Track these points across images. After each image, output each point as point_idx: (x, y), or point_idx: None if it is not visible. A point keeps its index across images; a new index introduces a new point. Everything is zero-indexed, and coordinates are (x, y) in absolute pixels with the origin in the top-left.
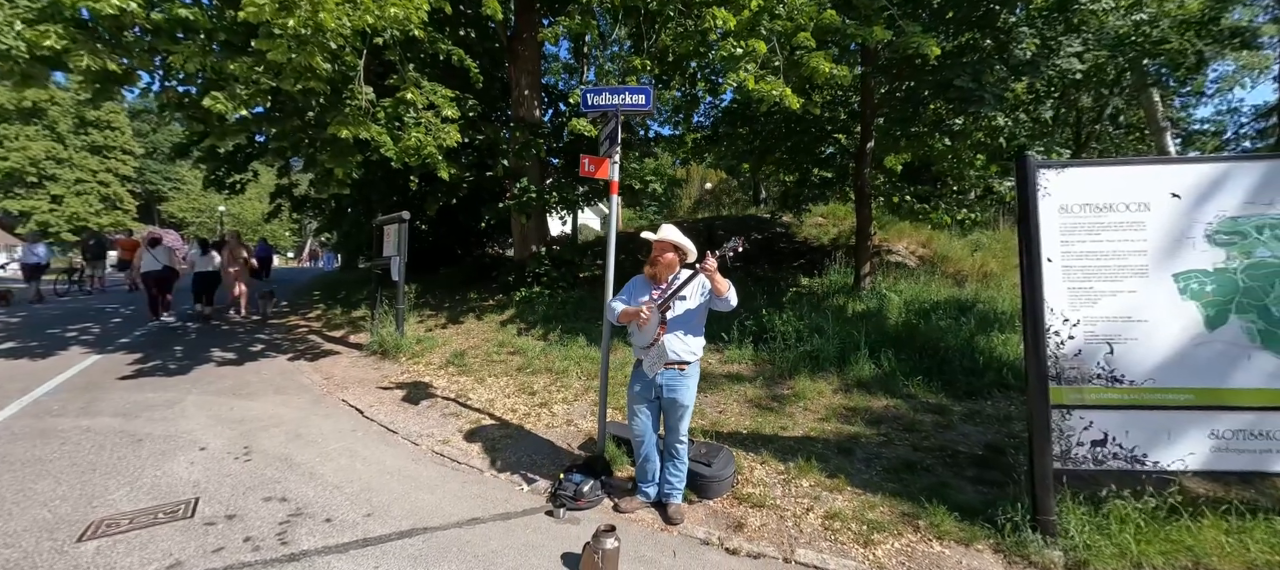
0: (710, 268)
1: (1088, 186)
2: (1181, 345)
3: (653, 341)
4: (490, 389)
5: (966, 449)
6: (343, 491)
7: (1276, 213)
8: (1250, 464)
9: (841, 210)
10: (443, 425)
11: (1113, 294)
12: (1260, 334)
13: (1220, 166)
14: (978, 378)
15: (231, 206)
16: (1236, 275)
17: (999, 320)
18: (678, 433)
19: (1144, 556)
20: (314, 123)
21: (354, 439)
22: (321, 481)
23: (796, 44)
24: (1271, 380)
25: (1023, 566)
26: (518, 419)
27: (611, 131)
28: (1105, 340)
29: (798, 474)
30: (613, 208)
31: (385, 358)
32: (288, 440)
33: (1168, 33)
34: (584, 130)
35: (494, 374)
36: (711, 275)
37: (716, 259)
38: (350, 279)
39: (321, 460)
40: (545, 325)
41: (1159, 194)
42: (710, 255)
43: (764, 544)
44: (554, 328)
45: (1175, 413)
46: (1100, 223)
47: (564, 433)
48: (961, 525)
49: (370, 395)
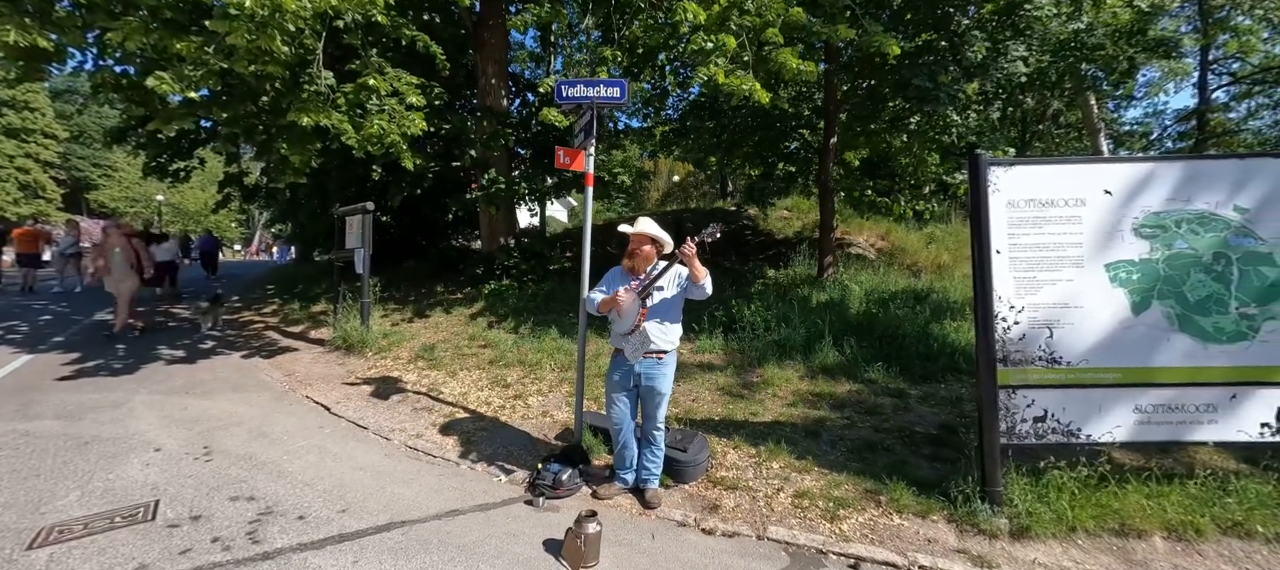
0: (689, 252)
1: (1032, 183)
2: (1111, 329)
3: (633, 328)
4: (462, 382)
5: (922, 429)
6: (314, 488)
7: (1192, 209)
8: (1169, 434)
9: (805, 204)
10: (415, 420)
11: (1053, 283)
12: (1178, 318)
13: (1146, 166)
14: (932, 363)
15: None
16: (1158, 265)
17: (951, 309)
18: (655, 420)
19: (1078, 521)
20: (269, 108)
21: (322, 436)
22: (291, 479)
23: (765, 40)
24: (1187, 359)
25: (973, 535)
26: (492, 412)
27: (587, 124)
28: (1046, 325)
29: (768, 457)
30: (587, 200)
31: (350, 353)
32: (250, 439)
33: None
34: (555, 121)
35: (466, 367)
36: (690, 261)
37: (695, 245)
38: (307, 272)
39: (289, 458)
40: (516, 318)
41: (1094, 191)
42: (689, 240)
43: (738, 523)
44: (525, 320)
45: (1105, 390)
46: (1043, 217)
47: (540, 424)
48: (919, 499)
49: (336, 391)
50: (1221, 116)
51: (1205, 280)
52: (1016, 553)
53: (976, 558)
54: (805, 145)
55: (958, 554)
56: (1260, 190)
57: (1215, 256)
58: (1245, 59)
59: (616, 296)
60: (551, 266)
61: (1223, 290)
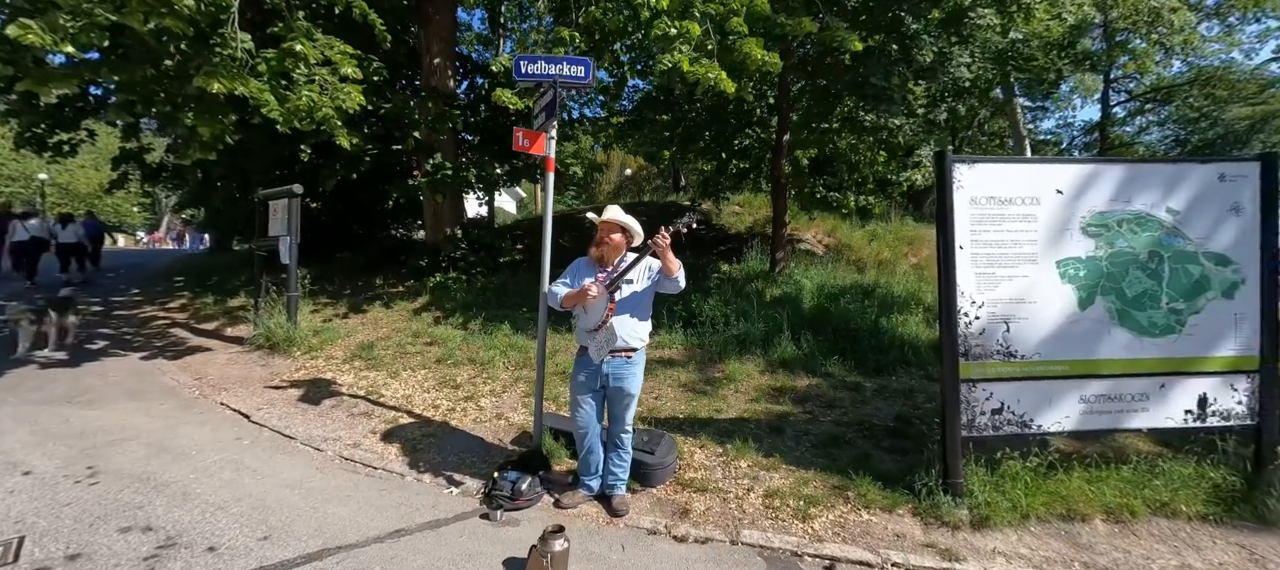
0: (663, 244)
1: (993, 181)
2: (1060, 323)
3: (600, 324)
4: (406, 383)
5: (880, 422)
6: (228, 512)
7: (1132, 209)
8: (1108, 423)
9: (756, 200)
10: (351, 427)
11: (1010, 278)
12: (1118, 313)
13: (1093, 168)
14: (884, 356)
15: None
16: (1102, 262)
17: (896, 303)
18: (623, 422)
19: (1031, 508)
20: (174, 72)
21: (239, 449)
22: (199, 503)
23: (730, 29)
24: (1125, 351)
25: (937, 527)
26: (440, 415)
27: (548, 103)
28: (1003, 320)
29: (736, 455)
30: (548, 186)
31: (274, 352)
32: (150, 455)
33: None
34: (509, 102)
35: (409, 367)
36: (664, 252)
37: (670, 235)
38: (223, 262)
39: (198, 477)
40: (465, 313)
41: (1047, 190)
42: (663, 231)
43: (710, 528)
44: (475, 315)
45: (1055, 382)
46: (1002, 214)
47: (494, 428)
48: (884, 493)
49: (257, 396)
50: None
51: (1141, 277)
52: (977, 543)
53: (944, 551)
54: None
55: (926, 548)
56: (1188, 193)
57: (1150, 255)
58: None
59: (583, 290)
60: (502, 259)
61: (1156, 287)
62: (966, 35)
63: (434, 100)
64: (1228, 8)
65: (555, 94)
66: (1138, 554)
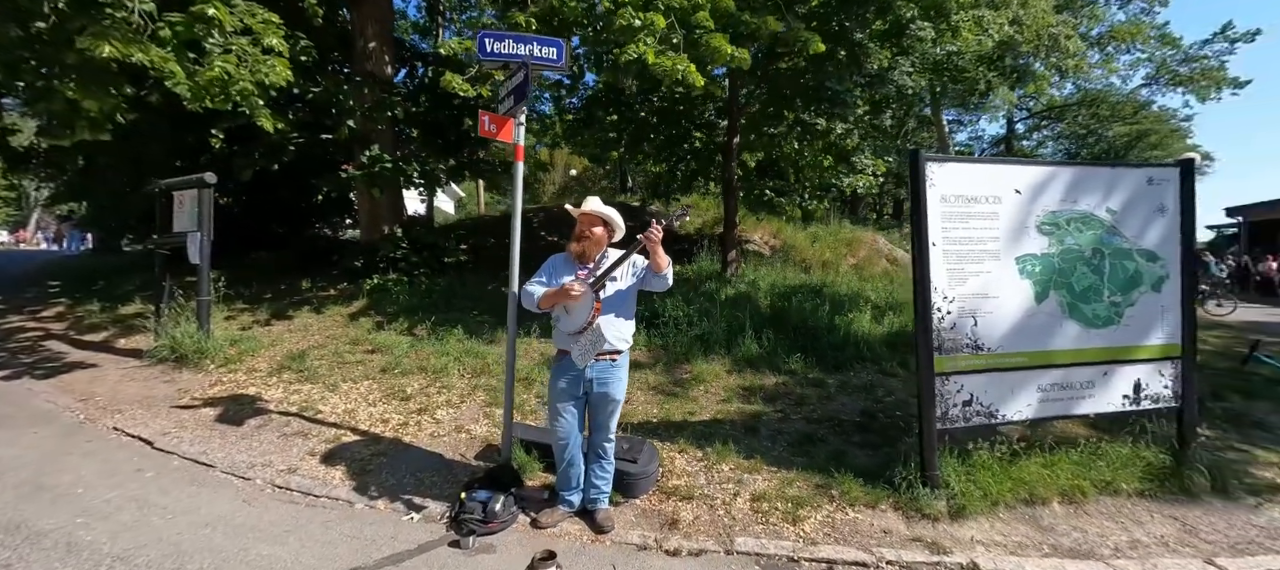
0: (656, 238)
1: (961, 180)
2: (1019, 316)
3: (585, 326)
4: (347, 397)
5: (848, 417)
6: (132, 563)
7: (1078, 209)
8: (1061, 410)
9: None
10: (284, 449)
11: (976, 274)
12: (1068, 306)
13: (1047, 170)
14: (841, 352)
15: None
16: (1054, 258)
17: (842, 302)
18: (608, 431)
19: (999, 495)
20: (48, 37)
21: (142, 483)
22: (91, 554)
23: (696, 23)
24: (1074, 342)
25: (918, 519)
26: (391, 431)
27: (519, 86)
28: (971, 314)
29: (717, 459)
30: (517, 176)
31: (182, 366)
32: (20, 498)
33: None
34: (459, 88)
35: (350, 378)
36: (655, 247)
37: (661, 229)
38: (110, 265)
39: (88, 521)
40: (409, 317)
41: (1007, 190)
42: (655, 224)
43: (702, 538)
44: (421, 320)
45: (1016, 373)
46: (969, 212)
47: (454, 442)
48: (866, 489)
49: (163, 418)
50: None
51: (1087, 273)
52: (957, 533)
53: (930, 544)
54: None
55: (913, 543)
56: (1123, 195)
57: (1094, 251)
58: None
59: (566, 288)
60: (447, 259)
61: (1099, 282)
62: (907, 46)
63: (371, 86)
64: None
65: (526, 76)
66: (1093, 532)
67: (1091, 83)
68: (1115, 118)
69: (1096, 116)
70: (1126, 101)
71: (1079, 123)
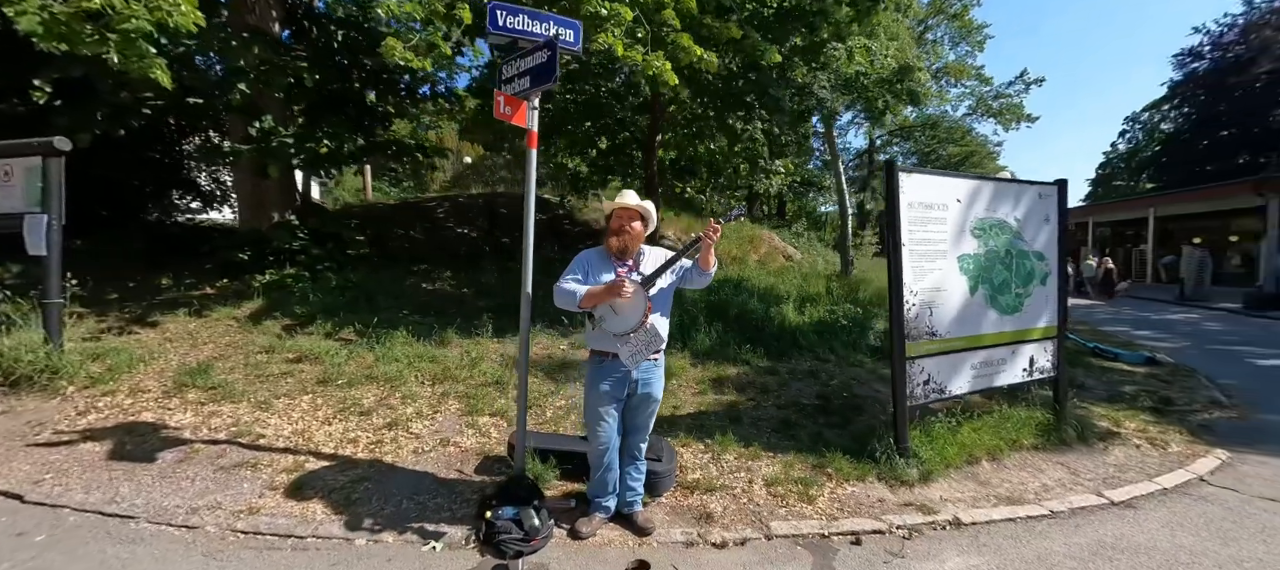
0: (716, 237)
1: (922, 189)
2: (960, 307)
3: (639, 325)
4: (288, 416)
5: (808, 401)
6: None
7: (996, 217)
8: (985, 383)
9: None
10: (230, 485)
11: (932, 270)
12: (990, 297)
13: (976, 183)
14: (781, 342)
15: None
16: (982, 258)
17: (765, 295)
18: (645, 432)
19: (949, 459)
20: None
21: (35, 551)
22: None
23: (662, 21)
24: (994, 327)
25: (898, 487)
26: (364, 451)
27: (540, 66)
28: (929, 305)
29: (721, 450)
30: (530, 164)
31: (23, 391)
32: None
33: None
34: (402, 58)
35: (283, 394)
36: (711, 245)
37: (720, 228)
38: None
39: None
40: (328, 319)
41: (951, 199)
42: (714, 222)
43: (740, 528)
44: (344, 322)
45: (957, 354)
46: (927, 217)
47: (444, 458)
48: (853, 465)
49: (21, 462)
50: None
51: (1002, 269)
52: (929, 494)
53: (920, 507)
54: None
55: (906, 508)
56: (1025, 207)
57: (1006, 252)
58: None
59: (618, 286)
60: (352, 252)
61: (1010, 277)
62: (823, 63)
63: (261, 45)
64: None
65: (552, 56)
66: (1015, 482)
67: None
68: (949, 140)
69: (935, 137)
70: (956, 126)
71: (922, 142)
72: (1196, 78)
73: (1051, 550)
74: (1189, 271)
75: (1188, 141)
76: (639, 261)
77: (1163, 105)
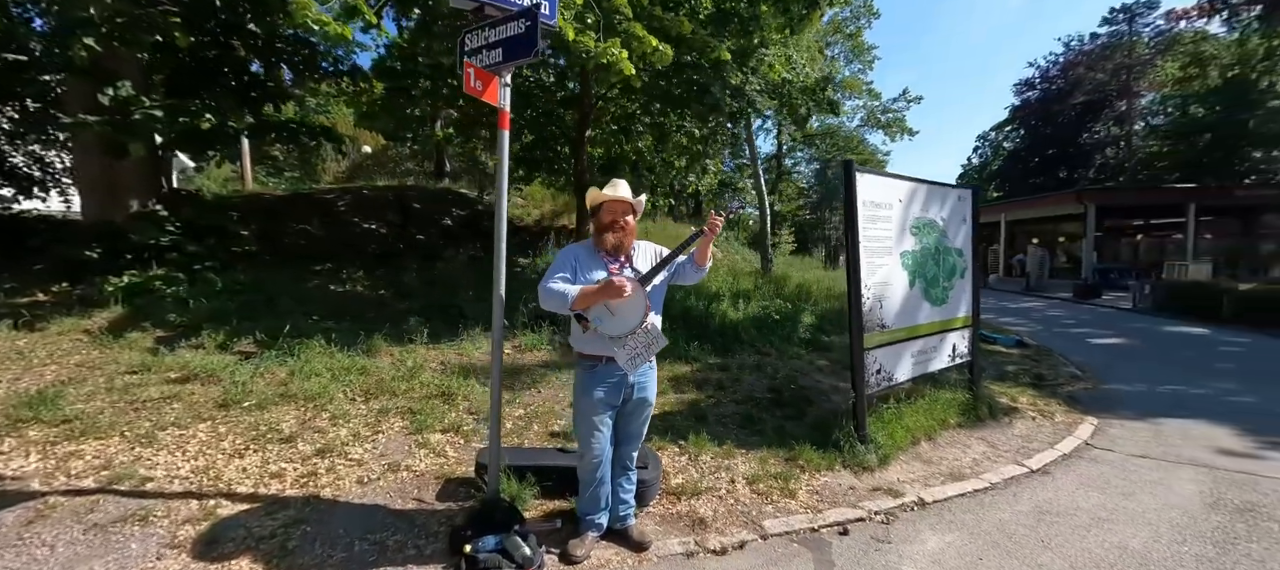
0: (717, 229)
1: (873, 188)
2: (902, 300)
3: (639, 326)
4: (185, 452)
5: (762, 396)
6: None
7: (928, 217)
8: (922, 370)
9: (539, 192)
10: (111, 548)
11: (881, 266)
12: (924, 291)
13: (913, 185)
14: (725, 338)
15: None
16: (918, 254)
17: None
18: (639, 440)
19: (899, 442)
20: None
21: None
22: None
23: (614, 8)
24: (928, 317)
25: (862, 472)
26: (294, 487)
27: (514, 38)
28: (879, 299)
29: (696, 451)
30: (502, 146)
31: None
32: None
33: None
34: (313, 21)
35: (171, 422)
36: (710, 240)
37: (722, 220)
38: None
39: None
40: (218, 327)
41: (895, 198)
42: (714, 216)
43: (735, 531)
44: (239, 331)
45: (901, 344)
46: (877, 215)
47: (395, 486)
48: (820, 455)
49: None
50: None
51: (932, 265)
52: (889, 477)
53: (887, 491)
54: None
55: (877, 493)
56: (949, 208)
57: (936, 249)
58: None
59: (614, 285)
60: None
61: (939, 272)
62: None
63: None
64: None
65: (532, 27)
66: (951, 458)
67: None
68: (847, 148)
69: (835, 145)
70: (852, 136)
71: (823, 149)
72: (1030, 105)
73: (1005, 520)
74: (1033, 267)
75: (1023, 158)
76: (634, 257)
77: (1005, 127)
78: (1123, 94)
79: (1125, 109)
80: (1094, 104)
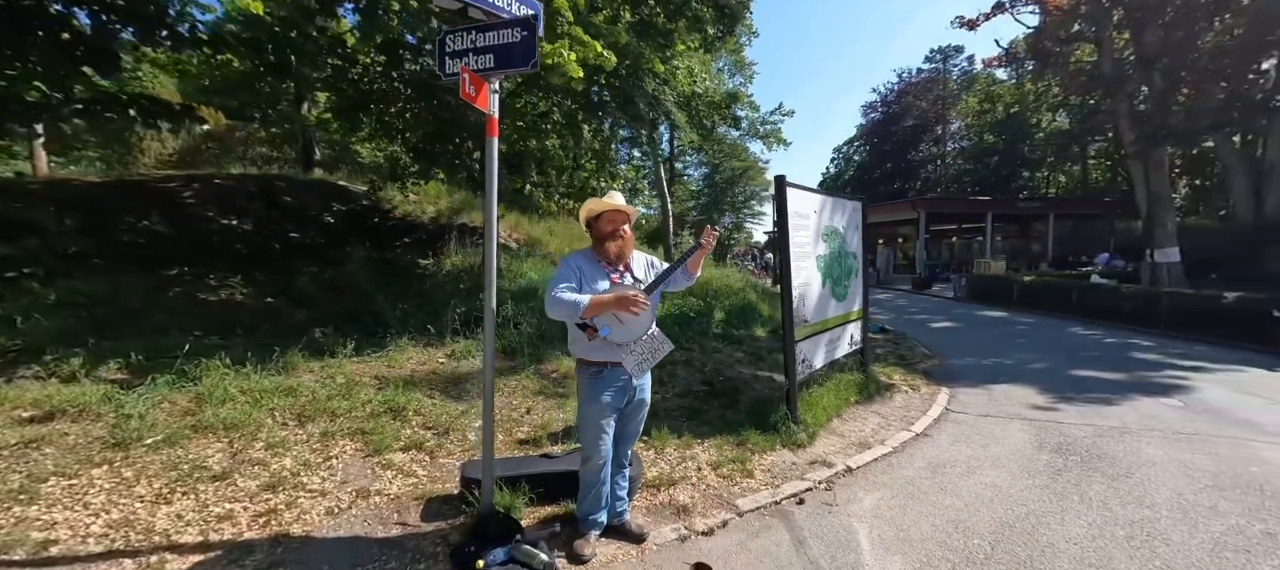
0: (712, 242)
1: (797, 201)
2: (818, 297)
3: (644, 333)
4: (86, 504)
5: (699, 388)
6: None
7: (833, 225)
8: (832, 356)
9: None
10: None
11: (803, 268)
12: (831, 289)
13: (822, 198)
14: None
15: None
16: (827, 257)
17: None
18: (634, 440)
19: (820, 420)
20: None
21: None
22: None
23: (556, 10)
24: (834, 312)
25: (797, 449)
26: (252, 528)
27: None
28: (803, 297)
29: (661, 444)
30: (491, 153)
31: None
32: None
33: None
34: None
35: (54, 471)
36: (704, 253)
37: (717, 233)
38: None
39: None
40: (66, 351)
41: (812, 209)
42: (709, 229)
43: (716, 513)
44: (101, 354)
45: (816, 335)
46: (801, 224)
47: (372, 512)
48: (763, 437)
49: None
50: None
51: (836, 266)
52: (818, 451)
53: (822, 463)
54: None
55: (814, 465)
56: (846, 217)
57: (838, 252)
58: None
59: (630, 296)
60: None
61: (841, 272)
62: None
63: None
64: None
65: (532, 37)
66: (856, 429)
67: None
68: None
69: (721, 151)
70: (737, 144)
71: (711, 155)
72: (873, 125)
73: (911, 476)
74: (883, 264)
75: (870, 169)
76: (633, 266)
77: (854, 142)
78: (939, 120)
79: (941, 132)
80: (919, 127)
